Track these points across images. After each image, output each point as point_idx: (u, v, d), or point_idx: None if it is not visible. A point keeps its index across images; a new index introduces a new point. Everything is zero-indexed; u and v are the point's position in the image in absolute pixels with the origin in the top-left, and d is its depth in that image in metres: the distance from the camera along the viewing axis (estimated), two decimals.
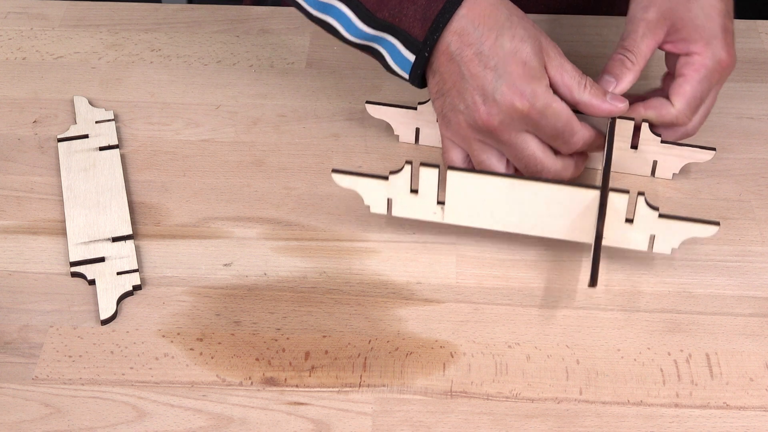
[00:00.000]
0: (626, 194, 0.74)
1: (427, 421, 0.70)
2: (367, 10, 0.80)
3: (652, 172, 0.85)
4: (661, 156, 0.84)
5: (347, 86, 0.95)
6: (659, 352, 0.74)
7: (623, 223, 0.76)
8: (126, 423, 0.69)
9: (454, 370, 0.73)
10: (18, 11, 1.03)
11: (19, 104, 0.93)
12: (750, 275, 0.79)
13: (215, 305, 0.77)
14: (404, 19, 0.78)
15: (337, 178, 0.79)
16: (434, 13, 0.77)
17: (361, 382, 0.72)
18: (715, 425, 0.70)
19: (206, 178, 0.86)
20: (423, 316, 0.76)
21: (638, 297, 0.77)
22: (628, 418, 0.70)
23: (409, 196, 0.79)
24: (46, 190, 0.85)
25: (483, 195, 0.77)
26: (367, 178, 0.78)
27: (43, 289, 0.78)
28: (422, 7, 0.77)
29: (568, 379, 0.72)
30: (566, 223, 0.77)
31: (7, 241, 0.81)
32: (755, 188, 0.86)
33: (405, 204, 0.79)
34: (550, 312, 0.76)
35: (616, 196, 0.75)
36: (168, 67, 0.97)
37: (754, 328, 0.75)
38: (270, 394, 0.71)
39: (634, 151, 0.84)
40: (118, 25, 1.02)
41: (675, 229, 0.75)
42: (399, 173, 0.78)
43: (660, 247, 0.76)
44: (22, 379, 0.72)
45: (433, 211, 0.79)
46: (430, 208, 0.79)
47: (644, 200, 0.74)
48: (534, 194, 0.76)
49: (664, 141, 0.83)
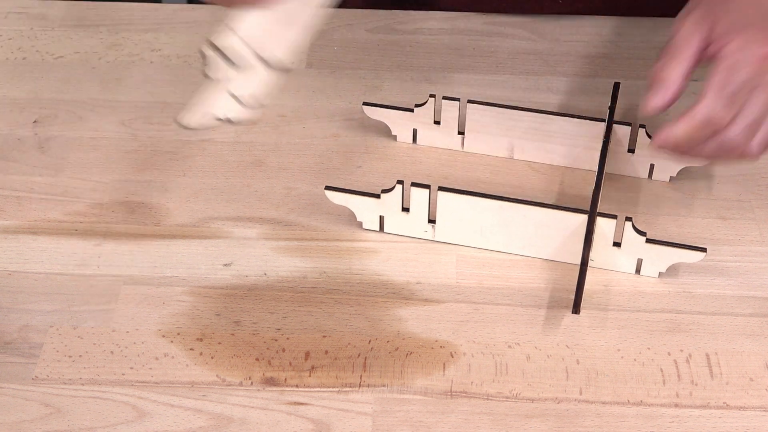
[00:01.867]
0: (614, 219, 0.75)
1: (427, 421, 0.70)
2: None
3: (649, 174, 0.85)
4: (658, 159, 0.84)
5: (347, 86, 0.95)
6: (659, 352, 0.74)
7: (611, 246, 0.77)
8: (126, 423, 0.69)
9: (454, 370, 0.73)
10: (18, 11, 1.03)
11: (19, 104, 0.93)
12: (750, 275, 0.79)
13: (215, 305, 0.77)
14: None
15: (330, 195, 0.80)
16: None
17: (361, 382, 0.72)
18: (715, 425, 0.70)
19: (206, 178, 0.86)
20: (423, 316, 0.76)
21: (638, 297, 0.77)
22: (628, 418, 0.70)
23: (401, 214, 0.80)
24: (46, 190, 0.85)
25: (473, 215, 0.78)
26: (359, 196, 0.79)
27: (43, 289, 0.78)
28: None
29: (568, 379, 0.72)
30: (555, 245, 0.78)
31: (7, 241, 0.81)
32: (755, 188, 0.86)
33: (396, 222, 0.81)
34: (550, 312, 0.76)
35: (603, 220, 0.76)
36: (168, 67, 0.97)
37: (754, 328, 0.75)
38: (270, 394, 0.71)
39: (630, 154, 0.84)
40: (118, 25, 1.02)
41: (662, 254, 0.76)
42: (390, 192, 0.78)
43: (647, 270, 0.78)
44: (22, 379, 0.72)
45: (425, 230, 0.80)
46: (421, 227, 0.80)
47: (631, 225, 0.76)
48: (523, 216, 0.77)
49: None
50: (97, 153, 0.89)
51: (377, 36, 1.01)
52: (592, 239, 0.76)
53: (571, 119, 0.84)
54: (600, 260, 0.78)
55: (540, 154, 0.87)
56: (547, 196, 0.84)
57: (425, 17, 1.03)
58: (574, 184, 0.85)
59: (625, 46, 0.99)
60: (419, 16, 1.03)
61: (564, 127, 0.85)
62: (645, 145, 0.83)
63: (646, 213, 0.83)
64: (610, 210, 0.82)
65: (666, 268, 0.77)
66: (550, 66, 0.97)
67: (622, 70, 0.96)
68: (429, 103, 0.86)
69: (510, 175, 0.86)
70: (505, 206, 0.77)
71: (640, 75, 0.96)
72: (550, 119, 0.85)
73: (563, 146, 0.86)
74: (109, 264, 0.79)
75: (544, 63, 0.97)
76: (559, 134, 0.85)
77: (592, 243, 0.76)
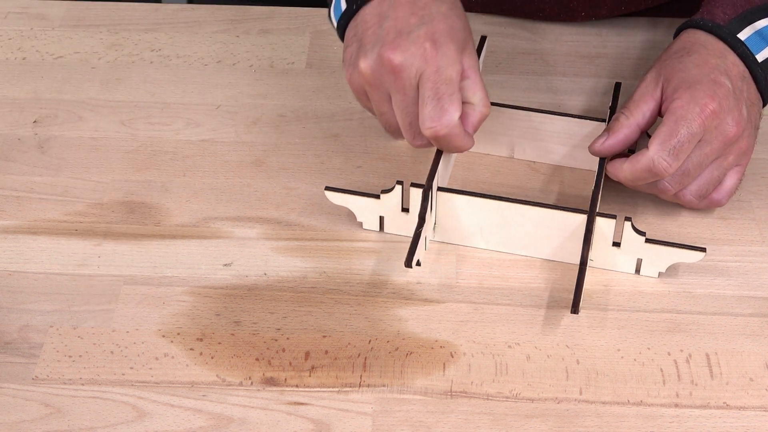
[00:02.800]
0: (613, 219, 0.75)
1: (427, 421, 0.70)
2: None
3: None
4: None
5: (347, 86, 0.95)
6: (659, 352, 0.74)
7: (610, 246, 0.77)
8: (126, 423, 0.69)
9: (454, 370, 0.73)
10: (18, 11, 1.03)
11: (19, 104, 0.93)
12: (750, 275, 0.79)
13: (215, 305, 0.77)
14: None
15: (329, 195, 0.80)
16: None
17: (361, 382, 0.72)
18: (715, 425, 0.70)
19: (206, 178, 0.86)
20: (423, 316, 0.76)
21: (638, 297, 0.77)
22: (628, 418, 0.70)
23: (400, 214, 0.79)
24: (46, 190, 0.85)
25: (472, 215, 0.78)
26: (359, 196, 0.79)
27: (43, 289, 0.78)
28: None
29: (568, 379, 0.72)
30: (555, 245, 0.78)
31: (7, 241, 0.81)
32: (755, 188, 0.86)
33: (396, 222, 0.80)
34: (550, 312, 0.76)
35: (603, 220, 0.76)
36: (168, 67, 0.97)
37: (754, 328, 0.75)
38: (270, 394, 0.71)
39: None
40: (118, 25, 1.02)
41: (661, 254, 0.76)
42: (390, 192, 0.78)
43: (647, 270, 0.78)
44: (22, 379, 0.72)
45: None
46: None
47: (631, 225, 0.76)
48: (522, 216, 0.77)
49: None
50: (97, 153, 0.89)
51: None
52: (592, 239, 0.76)
53: (571, 119, 0.84)
54: (600, 260, 0.78)
55: (540, 154, 0.87)
56: (547, 196, 0.84)
57: None
58: (574, 184, 0.85)
59: (625, 46, 0.99)
60: None
61: (564, 127, 0.85)
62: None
63: (646, 213, 0.83)
64: (610, 210, 0.82)
65: (666, 268, 0.77)
66: (550, 66, 0.97)
67: (622, 70, 0.96)
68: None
69: (510, 175, 0.86)
70: (504, 206, 0.77)
71: (640, 75, 0.96)
72: (550, 119, 0.85)
73: (563, 146, 0.86)
74: (109, 264, 0.79)
75: (544, 63, 0.97)
76: (559, 134, 0.85)
77: (591, 243, 0.76)
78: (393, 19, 0.76)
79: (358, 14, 0.78)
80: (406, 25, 0.75)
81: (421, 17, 0.75)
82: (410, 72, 0.74)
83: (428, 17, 0.75)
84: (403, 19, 0.75)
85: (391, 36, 0.75)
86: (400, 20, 0.75)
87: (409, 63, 0.74)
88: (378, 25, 0.76)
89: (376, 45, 0.75)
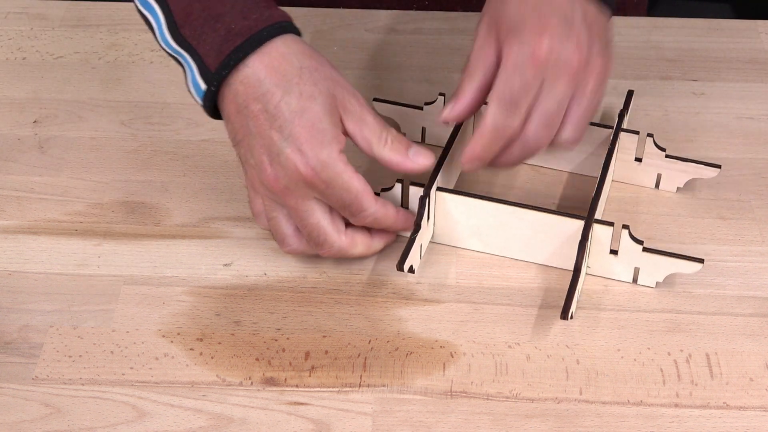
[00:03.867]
0: (611, 226, 0.75)
1: (427, 421, 0.70)
2: (174, 21, 0.74)
3: (656, 184, 0.85)
4: (666, 170, 0.84)
5: None
6: (659, 352, 0.74)
7: (608, 254, 0.76)
8: (126, 423, 0.69)
9: (454, 370, 0.73)
10: (18, 11, 1.03)
11: (19, 104, 0.93)
12: (750, 275, 0.79)
13: (215, 305, 0.77)
14: (202, 44, 0.73)
15: None
16: (229, 48, 0.71)
17: (361, 382, 0.72)
18: (715, 425, 0.70)
19: (206, 178, 0.86)
20: (423, 316, 0.76)
21: (638, 297, 0.77)
22: (628, 418, 0.70)
23: None
24: (46, 190, 0.85)
25: (470, 217, 0.78)
26: None
27: (43, 289, 0.78)
28: (221, 38, 0.72)
29: (568, 379, 0.72)
30: (552, 250, 0.78)
31: (7, 241, 0.81)
32: (755, 188, 0.86)
33: None
34: (550, 312, 0.76)
35: (600, 227, 0.75)
36: (168, 67, 0.97)
37: (754, 328, 0.75)
38: (270, 394, 0.71)
39: (638, 163, 0.84)
40: (118, 25, 1.02)
41: (659, 263, 0.76)
42: (389, 191, 0.78)
43: (644, 280, 0.77)
44: (22, 379, 0.72)
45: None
46: None
47: (628, 233, 0.75)
48: (520, 219, 0.77)
49: (669, 156, 0.83)
50: (97, 153, 0.89)
51: (377, 36, 1.01)
52: (587, 246, 0.75)
53: None
54: (596, 268, 0.78)
55: (546, 159, 0.86)
56: (551, 201, 0.84)
57: (425, 17, 1.03)
58: (579, 190, 0.85)
59: (625, 46, 0.99)
60: (419, 16, 1.03)
61: None
62: (653, 154, 0.83)
63: (646, 213, 0.83)
64: (610, 210, 0.82)
65: (663, 278, 0.77)
66: None
67: (622, 70, 0.96)
68: (438, 102, 0.86)
69: (515, 178, 0.86)
70: (501, 209, 0.77)
71: (640, 75, 0.96)
72: None
73: (569, 151, 0.85)
74: (109, 264, 0.79)
75: None
76: None
77: (586, 249, 0.75)
78: (258, 137, 0.72)
79: (223, 111, 0.74)
80: (271, 143, 0.72)
81: (279, 128, 0.71)
82: (301, 195, 0.73)
83: (287, 126, 0.71)
84: (266, 136, 0.72)
85: (265, 163, 0.72)
86: (265, 138, 0.72)
87: (294, 187, 0.72)
88: (248, 144, 0.73)
89: (262, 173, 0.73)
